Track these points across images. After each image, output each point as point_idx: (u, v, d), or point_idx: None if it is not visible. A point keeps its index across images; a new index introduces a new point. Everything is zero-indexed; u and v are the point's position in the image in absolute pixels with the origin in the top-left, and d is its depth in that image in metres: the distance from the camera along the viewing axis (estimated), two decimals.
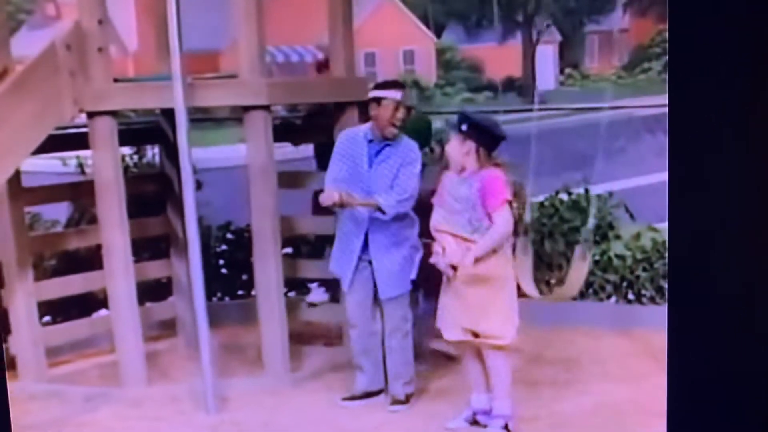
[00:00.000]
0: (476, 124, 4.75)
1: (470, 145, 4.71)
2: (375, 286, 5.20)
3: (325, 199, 5.07)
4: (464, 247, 4.69)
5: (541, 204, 6.86)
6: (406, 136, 5.21)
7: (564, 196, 6.86)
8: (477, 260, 4.67)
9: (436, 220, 4.81)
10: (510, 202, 4.74)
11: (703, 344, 2.05)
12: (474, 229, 4.69)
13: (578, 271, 5.23)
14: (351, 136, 5.25)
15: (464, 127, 4.71)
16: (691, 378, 2.04)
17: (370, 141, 5.16)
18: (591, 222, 5.51)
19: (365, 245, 5.15)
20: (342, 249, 5.25)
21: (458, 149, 4.73)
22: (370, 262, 5.17)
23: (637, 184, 8.30)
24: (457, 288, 4.75)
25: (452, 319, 4.79)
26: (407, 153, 5.13)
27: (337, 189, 5.06)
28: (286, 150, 6.32)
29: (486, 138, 4.75)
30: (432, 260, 4.80)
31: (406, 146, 5.15)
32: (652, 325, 5.84)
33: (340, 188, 5.07)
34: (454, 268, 4.69)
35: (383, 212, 5.03)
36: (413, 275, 5.19)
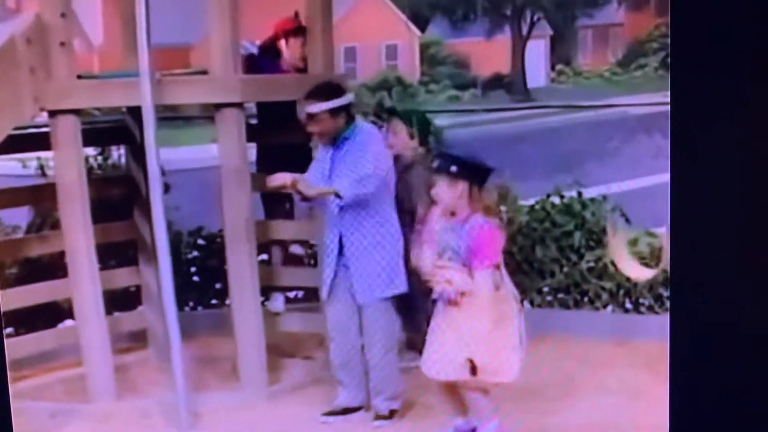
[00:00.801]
0: (466, 163, 4.74)
1: (462, 186, 4.70)
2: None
3: (274, 179, 5.06)
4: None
5: (532, 208, 6.89)
6: (362, 122, 5.22)
7: (555, 200, 6.89)
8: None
9: (429, 256, 4.77)
10: (497, 266, 4.71)
11: (707, 355, 2.06)
12: None
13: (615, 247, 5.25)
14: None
15: (454, 169, 4.68)
16: (695, 391, 2.05)
17: (329, 143, 5.20)
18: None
19: (341, 249, 5.16)
20: (323, 256, 5.27)
21: (449, 193, 4.70)
22: (347, 268, 5.18)
23: (633, 187, 8.32)
24: (455, 317, 4.72)
25: (446, 354, 4.74)
26: (360, 139, 5.13)
27: (292, 175, 5.07)
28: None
29: (478, 175, 4.75)
30: (435, 295, 4.76)
31: (359, 133, 5.15)
32: (650, 336, 5.86)
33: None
34: (462, 294, 4.67)
35: (340, 197, 5.02)
36: (401, 284, 5.18)
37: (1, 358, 2.42)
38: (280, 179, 5.05)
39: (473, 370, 4.68)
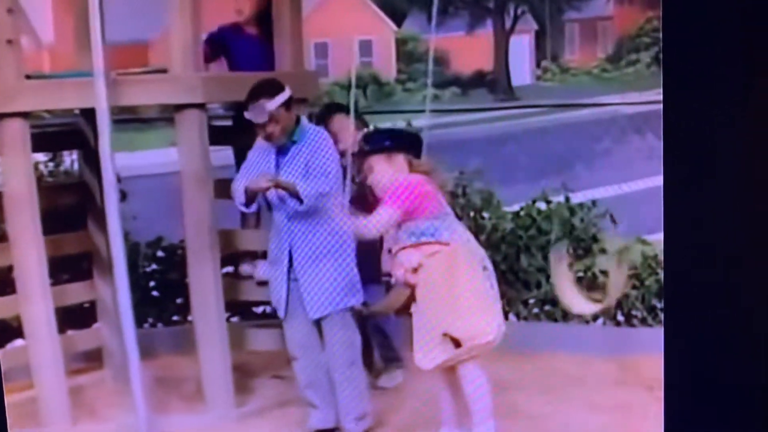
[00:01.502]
0: (399, 133, 5.00)
1: (399, 159, 4.84)
2: None
3: (255, 184, 5.07)
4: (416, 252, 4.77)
5: (517, 214, 6.91)
6: (308, 124, 5.24)
7: (542, 205, 6.91)
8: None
9: (388, 244, 4.96)
10: (396, 203, 4.78)
11: (704, 369, 2.07)
12: (417, 235, 4.78)
13: (561, 276, 5.31)
14: (260, 141, 5.26)
15: (388, 143, 4.86)
16: (690, 409, 2.05)
17: (276, 146, 5.18)
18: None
19: (291, 261, 5.17)
20: (273, 272, 5.27)
21: (388, 170, 4.83)
22: (297, 280, 5.18)
23: (625, 191, 8.36)
24: (420, 300, 4.81)
25: (426, 340, 4.81)
26: (311, 143, 5.14)
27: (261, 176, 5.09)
28: (224, 154, 6.31)
29: (413, 145, 4.93)
30: (392, 281, 4.88)
31: (308, 137, 5.17)
32: (643, 350, 5.88)
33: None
34: (415, 271, 4.76)
35: (300, 201, 5.03)
36: (357, 294, 5.19)
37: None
38: (261, 183, 5.06)
39: (455, 342, 4.76)
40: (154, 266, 7.10)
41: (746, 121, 1.90)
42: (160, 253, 7.12)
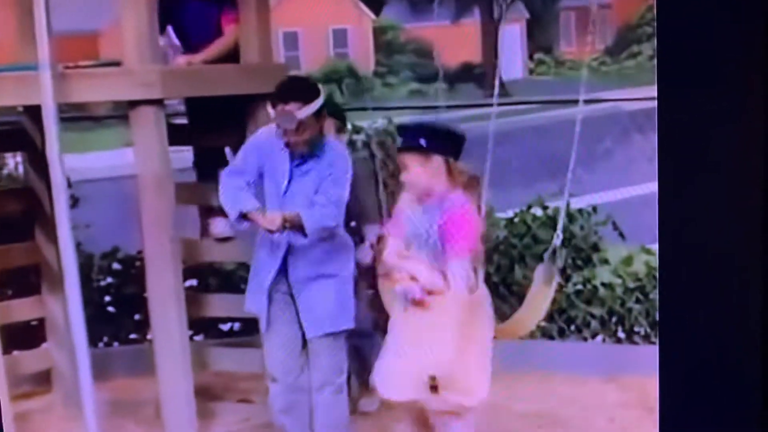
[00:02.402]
0: (437, 132, 4.69)
1: (437, 161, 4.60)
2: (300, 327, 5.17)
3: (270, 223, 4.92)
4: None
5: (510, 221, 6.92)
6: (335, 143, 5.18)
7: (537, 211, 6.90)
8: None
9: (395, 249, 4.73)
10: (474, 260, 4.65)
11: (702, 390, 2.06)
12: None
13: (538, 298, 5.25)
14: (265, 137, 5.14)
15: (423, 142, 4.59)
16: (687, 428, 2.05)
17: (292, 153, 5.08)
18: (557, 237, 5.54)
19: (285, 275, 5.11)
20: (256, 281, 5.22)
21: (423, 173, 4.60)
22: (292, 297, 5.14)
23: (627, 196, 8.38)
24: (417, 322, 4.65)
25: (403, 368, 4.67)
26: (329, 160, 5.06)
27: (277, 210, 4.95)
28: (185, 156, 6.30)
29: (452, 145, 4.67)
30: (398, 289, 4.69)
31: (329, 152, 5.09)
32: (646, 370, 5.86)
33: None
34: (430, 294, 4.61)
35: (304, 234, 4.93)
36: (350, 317, 5.16)
37: None
38: (274, 224, 4.96)
39: (434, 387, 4.55)
40: (109, 279, 7.10)
41: (748, 117, 1.89)
42: (115, 265, 7.12)
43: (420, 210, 4.66)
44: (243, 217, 4.94)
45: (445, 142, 4.64)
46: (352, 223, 5.62)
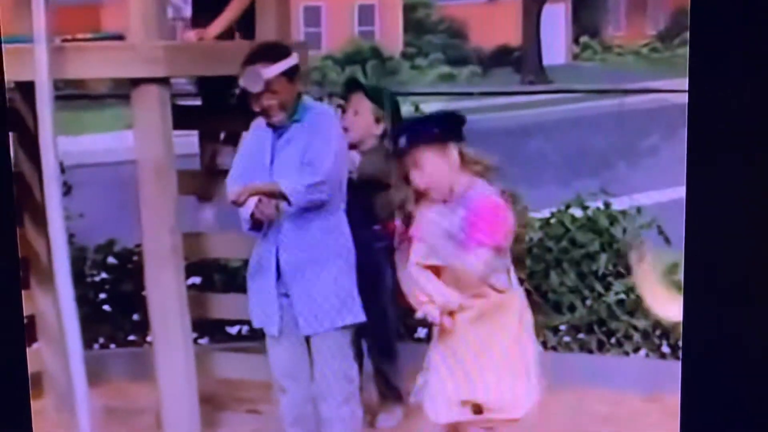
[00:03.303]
0: (445, 118, 4.79)
1: (453, 150, 4.67)
2: None
3: (235, 195, 5.07)
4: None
5: (546, 222, 6.91)
6: (311, 101, 5.24)
7: (576, 212, 6.90)
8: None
9: (420, 254, 4.76)
10: (499, 252, 4.68)
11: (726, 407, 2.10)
12: None
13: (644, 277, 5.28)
14: (257, 122, 5.27)
15: (438, 131, 4.68)
16: None
17: (273, 126, 5.18)
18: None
19: (278, 268, 5.16)
20: (256, 281, 5.24)
21: (441, 165, 4.66)
22: (287, 291, 5.19)
23: (675, 197, 8.34)
24: (449, 344, 4.72)
25: (449, 392, 4.75)
26: (311, 123, 5.12)
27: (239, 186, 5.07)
28: (191, 140, 6.31)
29: (458, 128, 4.76)
30: (419, 315, 4.74)
31: (310, 115, 5.15)
32: None
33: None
34: (452, 314, 4.65)
35: (288, 202, 5.02)
36: (356, 311, 5.18)
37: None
38: (239, 195, 5.04)
39: (477, 409, 4.69)
40: (104, 275, 7.09)
41: None
42: (111, 260, 7.12)
43: (446, 210, 4.69)
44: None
45: (454, 127, 4.73)
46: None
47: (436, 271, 4.71)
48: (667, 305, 5.40)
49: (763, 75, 1.89)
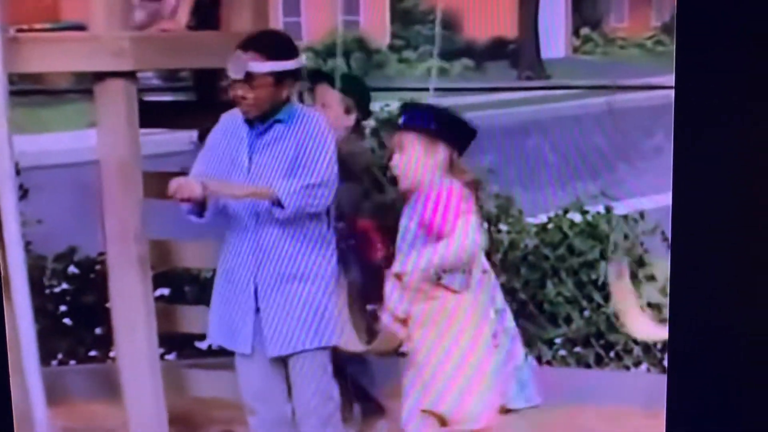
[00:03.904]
0: (450, 118, 4.80)
1: (442, 151, 4.71)
2: None
3: (177, 190, 4.99)
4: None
5: (543, 227, 6.92)
6: (302, 107, 5.22)
7: (575, 217, 6.90)
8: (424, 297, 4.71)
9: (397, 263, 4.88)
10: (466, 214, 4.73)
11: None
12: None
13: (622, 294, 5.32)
14: (229, 117, 5.22)
15: (433, 125, 4.72)
16: None
17: (249, 121, 5.11)
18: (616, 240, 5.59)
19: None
20: (225, 293, 5.19)
21: (422, 158, 4.72)
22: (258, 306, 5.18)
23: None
24: (412, 352, 4.85)
25: (408, 402, 4.88)
26: (310, 128, 5.08)
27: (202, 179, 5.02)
28: (158, 139, 6.30)
29: (462, 138, 4.80)
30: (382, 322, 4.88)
31: (298, 118, 5.11)
32: None
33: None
34: (404, 322, 4.72)
35: (281, 206, 4.97)
36: (330, 330, 5.17)
37: None
38: (187, 190, 4.98)
39: (442, 420, 4.79)
40: (64, 286, 7.08)
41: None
42: (72, 269, 7.11)
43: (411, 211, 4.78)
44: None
45: (456, 132, 4.77)
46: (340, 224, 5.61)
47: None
48: (644, 326, 5.45)
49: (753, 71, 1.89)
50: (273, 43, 5.13)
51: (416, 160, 4.74)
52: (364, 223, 5.69)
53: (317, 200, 5.02)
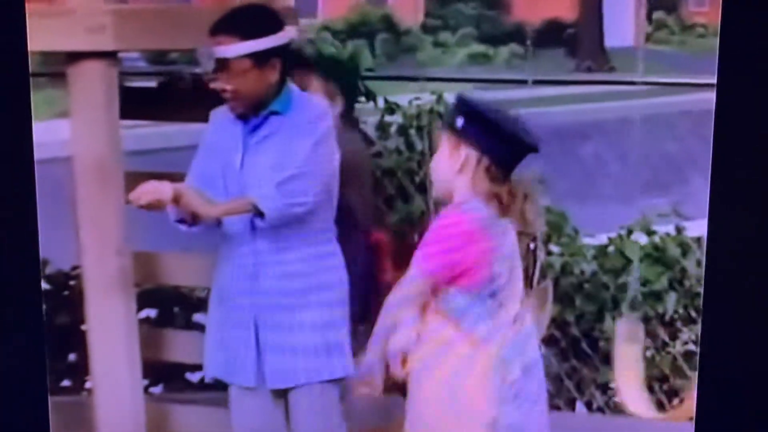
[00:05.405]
0: (483, 115, 4.62)
1: (466, 155, 4.61)
2: None
3: (141, 193, 4.93)
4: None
5: (602, 250, 6.91)
6: (305, 94, 5.17)
7: (640, 238, 6.91)
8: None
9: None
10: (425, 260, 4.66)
11: None
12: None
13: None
14: (220, 113, 5.16)
15: (460, 122, 4.61)
16: None
17: (242, 116, 5.08)
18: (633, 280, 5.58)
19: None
20: (222, 315, 5.21)
21: (446, 160, 4.66)
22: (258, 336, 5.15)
23: None
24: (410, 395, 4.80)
25: None
26: (298, 116, 5.04)
27: (173, 185, 4.95)
28: (144, 132, 6.32)
29: (497, 143, 4.63)
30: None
31: (296, 106, 5.08)
32: None
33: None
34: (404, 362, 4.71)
35: (261, 215, 4.91)
36: (341, 360, 5.14)
37: None
38: (151, 193, 4.95)
39: None
40: None
41: None
42: (43, 285, 7.10)
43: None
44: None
45: (485, 134, 4.58)
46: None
47: None
48: (637, 402, 5.48)
49: None
50: (245, 20, 5.02)
51: (440, 161, 4.64)
52: (377, 237, 5.70)
53: (297, 197, 4.94)
